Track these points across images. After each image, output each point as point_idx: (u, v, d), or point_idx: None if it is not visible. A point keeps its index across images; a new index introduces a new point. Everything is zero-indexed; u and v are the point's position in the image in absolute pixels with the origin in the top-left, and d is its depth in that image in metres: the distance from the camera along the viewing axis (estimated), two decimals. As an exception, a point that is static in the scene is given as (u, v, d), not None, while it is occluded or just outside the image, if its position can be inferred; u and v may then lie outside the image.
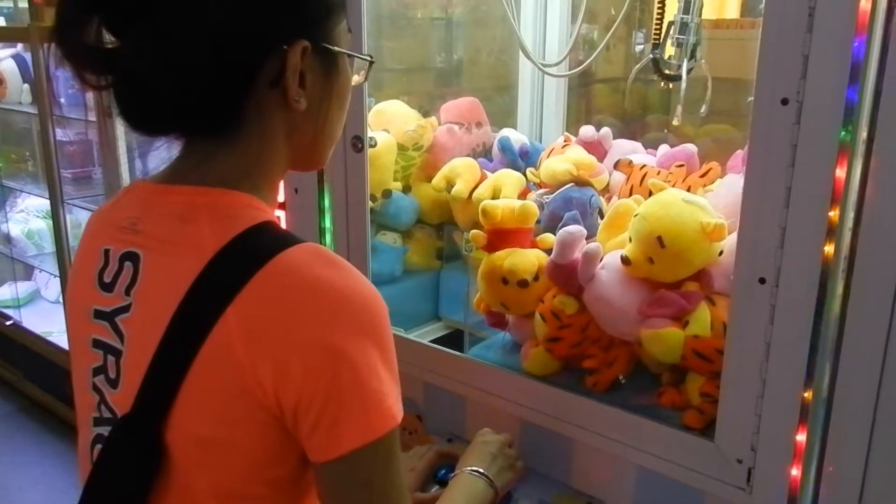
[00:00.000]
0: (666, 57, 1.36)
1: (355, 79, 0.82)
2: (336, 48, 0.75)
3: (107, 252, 0.75)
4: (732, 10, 1.73)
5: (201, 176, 0.73)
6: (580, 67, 1.72)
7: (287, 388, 0.65)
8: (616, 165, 1.43)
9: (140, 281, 0.72)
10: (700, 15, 1.30)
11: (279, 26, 0.70)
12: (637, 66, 1.43)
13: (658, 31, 1.36)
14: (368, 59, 0.84)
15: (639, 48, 1.85)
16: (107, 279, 0.74)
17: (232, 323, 0.65)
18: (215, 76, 0.68)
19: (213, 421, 0.68)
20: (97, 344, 0.75)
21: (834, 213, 0.88)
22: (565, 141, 1.58)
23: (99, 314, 0.74)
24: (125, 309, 0.72)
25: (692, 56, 1.32)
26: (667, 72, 1.37)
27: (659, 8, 1.36)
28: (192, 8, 0.67)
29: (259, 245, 0.68)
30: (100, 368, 0.75)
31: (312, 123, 0.76)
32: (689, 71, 1.32)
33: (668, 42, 1.33)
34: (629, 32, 1.90)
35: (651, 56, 1.36)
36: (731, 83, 1.56)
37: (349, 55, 0.78)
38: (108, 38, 0.70)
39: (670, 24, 1.33)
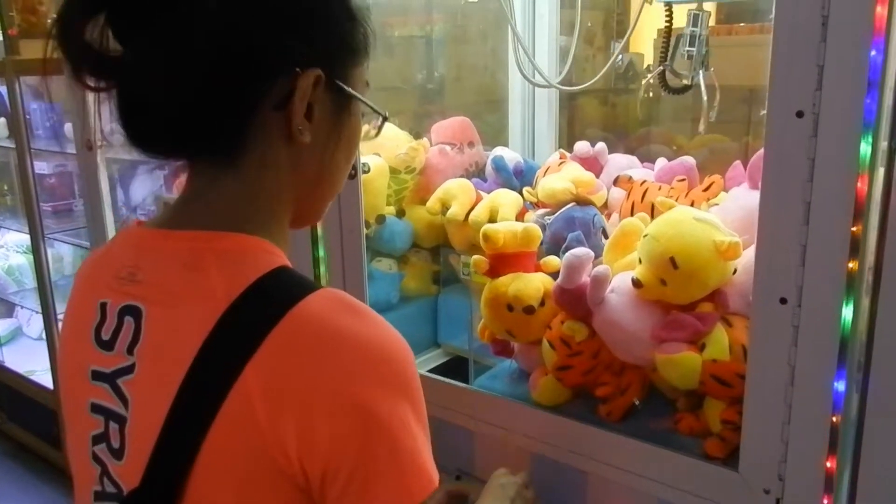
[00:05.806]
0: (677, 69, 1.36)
1: (365, 128, 0.77)
2: (350, 90, 0.70)
3: (103, 306, 0.68)
4: (710, 19, 1.72)
5: (204, 218, 0.67)
6: (567, 82, 1.70)
7: (313, 454, 0.59)
8: (616, 182, 1.39)
9: (144, 338, 0.65)
10: (707, 28, 1.31)
11: (295, 48, 0.65)
12: (646, 80, 1.42)
13: (666, 44, 1.35)
14: (383, 114, 0.78)
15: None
16: (105, 336, 0.67)
17: (251, 382, 0.59)
18: (220, 91, 0.63)
19: (233, 493, 0.61)
20: (96, 409, 0.68)
21: (857, 228, 0.84)
22: (561, 158, 1.54)
23: (98, 375, 0.67)
24: (128, 370, 0.65)
25: (703, 66, 1.32)
26: (683, 82, 1.36)
27: (667, 20, 1.36)
28: (202, 16, 0.62)
29: (276, 294, 0.62)
30: (101, 436, 0.67)
31: (318, 161, 0.70)
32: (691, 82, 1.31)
33: (678, 54, 1.33)
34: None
35: (661, 68, 1.35)
36: (722, 91, 1.54)
37: (362, 101, 0.72)
38: (114, 46, 0.64)
39: (679, 36, 1.32)
